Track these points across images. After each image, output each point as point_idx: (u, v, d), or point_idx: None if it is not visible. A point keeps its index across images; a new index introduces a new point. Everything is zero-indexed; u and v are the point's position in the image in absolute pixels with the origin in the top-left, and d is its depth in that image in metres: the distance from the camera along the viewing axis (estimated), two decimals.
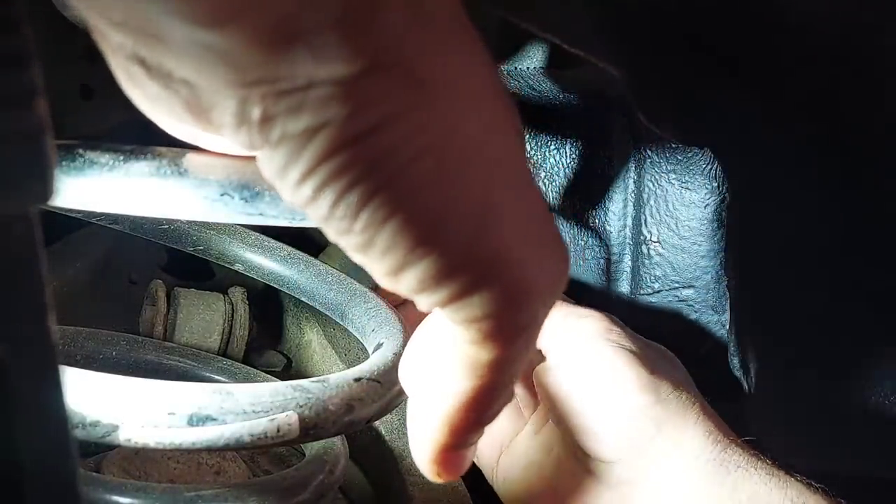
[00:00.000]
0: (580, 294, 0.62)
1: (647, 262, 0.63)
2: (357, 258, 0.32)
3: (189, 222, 0.61)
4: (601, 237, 0.65)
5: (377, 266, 0.32)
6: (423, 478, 0.58)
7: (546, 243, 0.35)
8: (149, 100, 0.32)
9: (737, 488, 0.52)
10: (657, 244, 0.61)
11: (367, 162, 0.29)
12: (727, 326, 0.59)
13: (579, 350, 0.57)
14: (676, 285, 0.61)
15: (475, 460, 0.62)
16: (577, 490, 0.56)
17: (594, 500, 0.56)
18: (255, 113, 0.29)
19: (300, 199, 0.31)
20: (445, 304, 0.33)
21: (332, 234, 0.32)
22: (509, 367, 0.36)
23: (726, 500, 0.52)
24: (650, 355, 0.57)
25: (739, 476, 0.53)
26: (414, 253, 0.31)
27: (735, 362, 0.59)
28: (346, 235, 0.31)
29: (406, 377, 0.42)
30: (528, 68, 0.56)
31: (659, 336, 0.60)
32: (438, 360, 0.38)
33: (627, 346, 0.57)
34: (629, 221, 0.63)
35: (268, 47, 0.27)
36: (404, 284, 0.32)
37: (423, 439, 0.39)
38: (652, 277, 0.63)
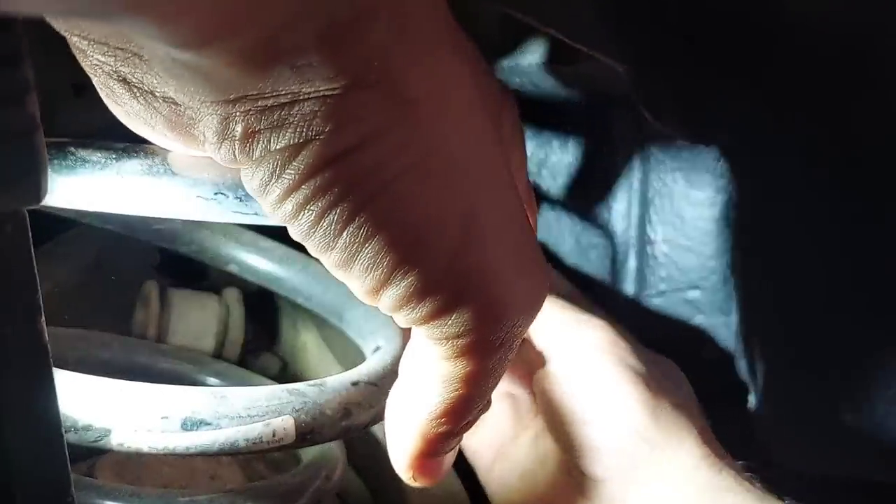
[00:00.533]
0: (584, 295, 0.62)
1: (652, 262, 0.62)
2: (337, 274, 0.32)
3: (182, 222, 0.61)
4: (606, 237, 0.65)
5: (357, 283, 0.32)
6: None
7: (526, 262, 0.35)
8: (130, 115, 0.32)
9: None
10: (663, 244, 0.61)
11: (350, 179, 0.29)
12: (734, 328, 0.59)
13: (581, 361, 0.56)
14: (683, 286, 0.61)
15: (471, 462, 0.61)
16: None
17: None
18: (238, 130, 0.29)
19: (282, 215, 0.30)
20: (423, 322, 0.33)
21: (312, 249, 0.31)
22: (484, 381, 0.36)
23: None
24: (653, 373, 0.56)
25: (732, 500, 0.52)
26: (396, 271, 0.31)
27: (742, 365, 0.59)
28: (327, 252, 0.31)
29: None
30: (529, 64, 0.56)
31: (665, 338, 0.59)
32: (415, 370, 0.37)
33: (631, 362, 0.56)
34: (634, 221, 0.63)
35: (251, 66, 0.26)
36: (384, 302, 0.32)
37: (399, 447, 0.39)
38: (657, 278, 0.62)
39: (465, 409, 0.37)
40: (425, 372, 0.36)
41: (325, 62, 0.27)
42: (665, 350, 0.59)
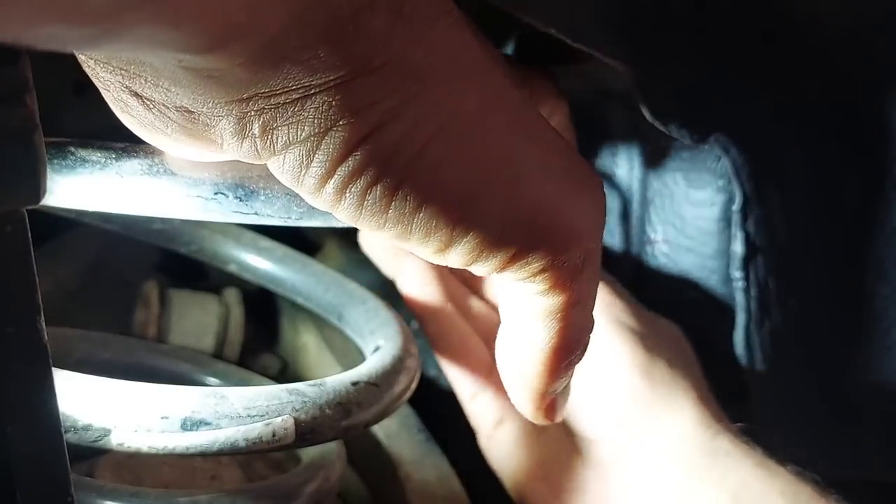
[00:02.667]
0: None
1: (652, 262, 0.62)
2: (399, 246, 0.33)
3: (182, 222, 0.61)
4: (605, 237, 0.65)
5: (422, 250, 0.33)
6: (422, 484, 0.58)
7: (577, 181, 0.35)
8: (145, 125, 0.32)
9: (725, 476, 0.52)
10: (663, 244, 0.61)
11: (381, 157, 0.30)
12: (734, 329, 0.59)
13: None
14: (682, 287, 0.61)
15: (474, 427, 0.61)
16: (562, 468, 0.56)
17: (575, 479, 0.56)
18: (255, 127, 0.29)
19: (324, 201, 0.31)
20: (501, 269, 0.34)
21: (365, 229, 0.32)
22: (584, 302, 0.37)
23: (713, 487, 0.52)
24: (650, 333, 0.57)
25: (728, 464, 0.52)
26: (454, 232, 0.32)
27: (742, 365, 0.59)
28: (380, 230, 0.32)
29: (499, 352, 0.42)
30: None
31: None
32: (516, 314, 0.38)
33: (627, 321, 0.56)
34: (634, 221, 0.63)
35: (260, 65, 0.27)
36: (454, 261, 0.33)
37: (522, 390, 0.40)
38: (657, 278, 0.62)
39: (574, 335, 0.38)
40: (526, 313, 0.37)
41: (330, 55, 0.28)
42: None
